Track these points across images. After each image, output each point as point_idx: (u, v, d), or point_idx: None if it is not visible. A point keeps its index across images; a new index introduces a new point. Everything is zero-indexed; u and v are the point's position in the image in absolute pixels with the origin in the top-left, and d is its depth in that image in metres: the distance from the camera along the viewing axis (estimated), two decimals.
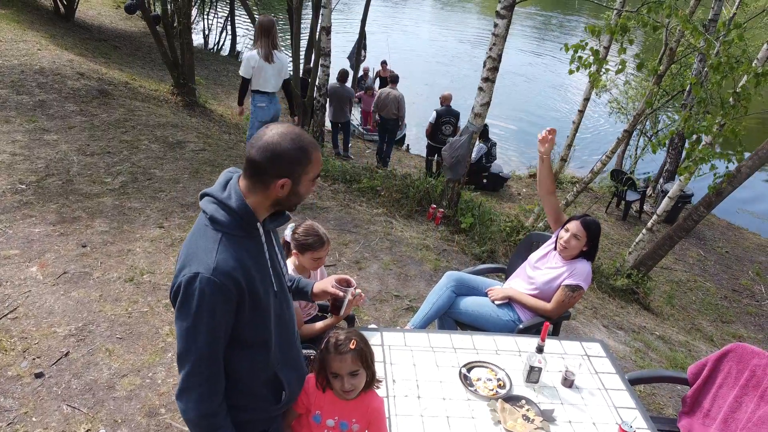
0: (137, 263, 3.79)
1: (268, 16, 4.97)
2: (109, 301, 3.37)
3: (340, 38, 14.83)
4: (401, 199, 5.71)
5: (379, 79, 12.32)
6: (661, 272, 7.37)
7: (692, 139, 5.21)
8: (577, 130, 6.79)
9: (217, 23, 16.51)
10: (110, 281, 3.55)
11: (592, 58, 4.92)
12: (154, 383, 2.80)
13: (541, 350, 2.22)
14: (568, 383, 2.21)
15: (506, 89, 15.30)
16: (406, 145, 11.50)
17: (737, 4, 7.77)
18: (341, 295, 1.97)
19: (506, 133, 13.37)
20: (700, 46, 5.98)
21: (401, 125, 9.37)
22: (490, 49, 4.87)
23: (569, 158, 7.69)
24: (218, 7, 17.45)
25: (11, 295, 3.29)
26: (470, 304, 2.90)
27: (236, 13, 15.89)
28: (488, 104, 5.11)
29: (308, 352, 2.17)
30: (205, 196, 1.44)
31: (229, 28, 15.89)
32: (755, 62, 5.44)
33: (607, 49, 6.13)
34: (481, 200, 6.50)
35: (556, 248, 2.82)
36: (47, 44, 8.55)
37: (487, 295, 2.94)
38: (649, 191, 10.30)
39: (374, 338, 2.35)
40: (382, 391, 2.03)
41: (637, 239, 6.41)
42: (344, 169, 6.39)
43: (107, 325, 3.16)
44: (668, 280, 7.43)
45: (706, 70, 7.14)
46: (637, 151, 12.01)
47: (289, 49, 9.14)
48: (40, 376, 2.75)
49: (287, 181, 1.39)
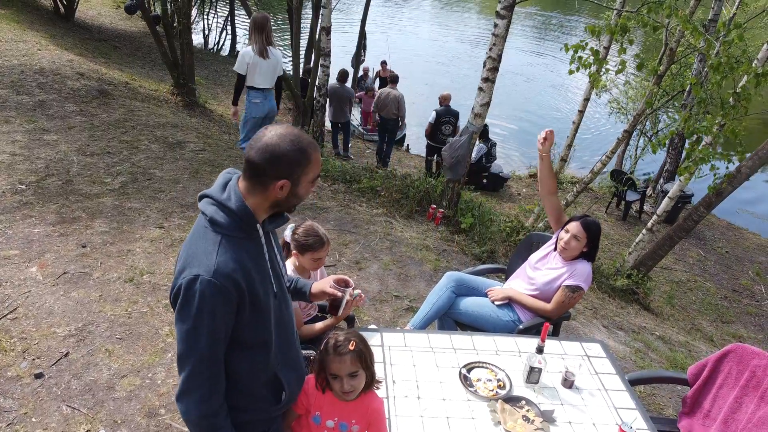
0: (137, 263, 3.79)
1: (262, 12, 4.98)
2: (108, 301, 3.37)
3: (340, 38, 14.85)
4: (401, 199, 5.71)
5: (378, 79, 12.32)
6: (661, 272, 7.37)
7: (692, 139, 5.22)
8: (577, 130, 6.79)
9: (217, 23, 16.52)
10: (110, 281, 3.55)
11: (592, 58, 4.92)
12: (153, 384, 2.80)
13: (541, 351, 2.23)
14: (568, 384, 2.21)
15: (507, 89, 15.30)
16: (406, 145, 11.50)
17: (737, 4, 7.77)
18: (339, 295, 1.97)
19: (507, 132, 13.37)
20: (700, 46, 5.98)
21: (402, 125, 9.36)
22: (490, 49, 4.87)
23: (569, 158, 7.69)
24: (218, 7, 17.45)
25: (11, 295, 3.29)
26: (470, 304, 2.90)
27: (236, 13, 15.90)
28: (488, 104, 5.11)
29: (308, 352, 2.17)
30: (204, 197, 1.43)
31: (229, 28, 15.90)
32: (755, 62, 5.44)
33: (607, 49, 6.13)
34: (481, 200, 6.50)
35: (556, 249, 2.82)
36: (47, 44, 8.54)
37: (487, 295, 2.94)
38: (649, 191, 10.30)
39: (374, 339, 2.35)
40: (382, 391, 2.03)
41: (637, 239, 6.41)
42: (344, 169, 6.39)
43: (107, 325, 3.16)
44: (668, 280, 7.43)
45: (706, 70, 7.14)
46: (637, 151, 12.02)
47: (289, 49, 9.13)
48: (39, 376, 2.75)
49: (286, 182, 1.38)
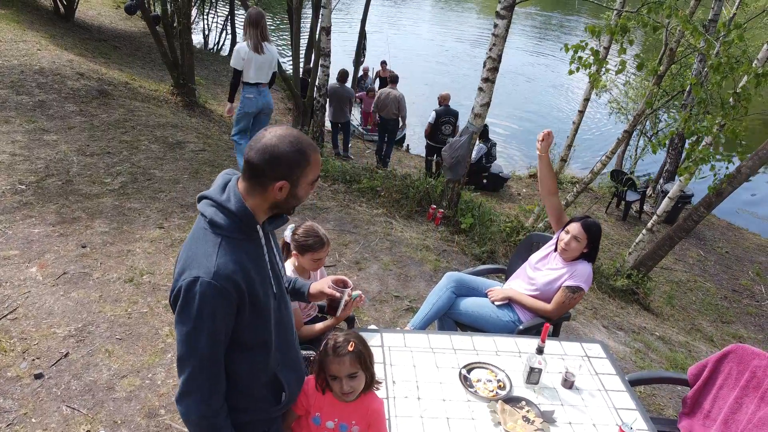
0: (137, 264, 3.79)
1: (257, 8, 4.99)
2: (108, 301, 3.37)
3: (340, 38, 14.84)
4: (401, 199, 5.71)
5: (378, 79, 12.32)
6: (661, 272, 7.37)
7: (692, 139, 5.22)
8: (577, 130, 6.79)
9: (217, 23, 16.52)
10: (110, 282, 3.55)
11: (592, 58, 4.92)
12: (153, 384, 2.80)
13: (541, 351, 2.23)
14: (568, 384, 2.21)
15: (507, 89, 15.31)
16: (406, 145, 11.50)
17: (737, 4, 7.77)
18: (338, 296, 1.97)
19: (508, 132, 13.37)
20: (700, 46, 5.99)
21: (403, 126, 9.36)
22: (489, 49, 4.87)
23: (569, 159, 7.69)
24: (218, 7, 17.45)
25: (11, 295, 3.29)
26: (470, 305, 2.90)
27: (236, 13, 15.89)
28: (488, 105, 5.11)
29: (308, 353, 2.17)
30: (203, 198, 1.43)
31: (229, 28, 15.89)
32: (755, 63, 5.44)
33: (607, 49, 6.13)
34: (481, 200, 6.50)
35: (556, 249, 2.82)
36: (47, 44, 8.54)
37: (487, 296, 2.94)
38: (649, 191, 10.30)
39: (374, 339, 2.35)
40: (382, 392, 2.03)
41: (637, 239, 6.41)
42: (344, 169, 6.38)
43: (107, 325, 3.16)
44: (668, 280, 7.43)
45: (706, 70, 7.14)
46: (637, 151, 12.02)
47: (289, 49, 9.13)
48: (39, 377, 2.75)
49: (285, 183, 1.38)
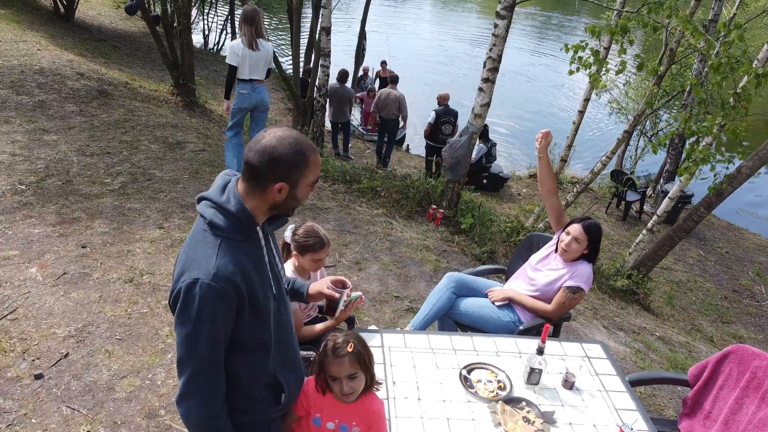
0: (137, 264, 3.79)
1: (252, 5, 5.00)
2: (108, 302, 3.37)
3: (340, 38, 14.83)
4: (401, 199, 5.71)
5: (378, 79, 12.32)
6: (661, 273, 7.36)
7: (692, 139, 5.22)
8: (577, 130, 6.79)
9: (217, 23, 16.51)
10: (110, 282, 3.55)
11: (592, 58, 4.92)
12: (153, 384, 2.80)
13: (541, 352, 2.23)
14: (568, 385, 2.20)
15: (507, 89, 15.31)
16: (406, 145, 11.51)
17: (737, 4, 7.77)
18: (336, 296, 1.97)
19: (508, 132, 13.37)
20: (700, 46, 5.98)
21: (403, 125, 9.35)
22: (490, 49, 4.87)
23: (569, 159, 7.68)
24: (218, 7, 17.44)
25: (11, 296, 3.29)
26: (470, 305, 2.90)
27: (236, 13, 15.88)
28: (488, 105, 5.11)
29: (308, 353, 2.17)
30: (202, 199, 1.42)
31: (229, 28, 15.88)
32: (755, 63, 5.44)
33: (607, 49, 6.13)
34: (481, 201, 6.50)
35: (557, 250, 2.82)
36: (47, 44, 8.54)
37: (487, 296, 2.94)
38: (649, 192, 10.30)
39: (374, 340, 2.35)
40: (382, 393, 2.02)
41: (637, 240, 6.40)
42: (344, 169, 6.38)
43: (107, 326, 3.16)
44: (668, 280, 7.43)
45: (706, 70, 7.14)
46: (637, 151, 12.02)
47: (289, 49, 9.13)
48: (39, 377, 2.75)
49: (284, 185, 1.38)
